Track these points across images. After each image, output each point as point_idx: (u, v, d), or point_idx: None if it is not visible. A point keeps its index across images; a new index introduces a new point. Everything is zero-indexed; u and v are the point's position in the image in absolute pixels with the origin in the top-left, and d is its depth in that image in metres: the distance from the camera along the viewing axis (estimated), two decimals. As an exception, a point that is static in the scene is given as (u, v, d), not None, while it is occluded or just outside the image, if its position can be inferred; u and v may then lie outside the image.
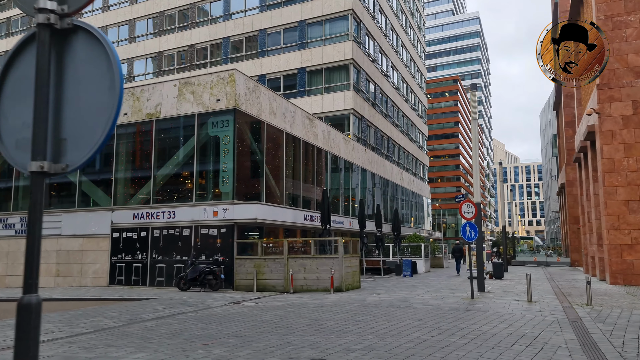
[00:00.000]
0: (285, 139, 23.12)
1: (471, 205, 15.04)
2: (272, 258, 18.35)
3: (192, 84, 20.25)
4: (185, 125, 20.38)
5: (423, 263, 30.90)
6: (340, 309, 12.54)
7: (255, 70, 36.13)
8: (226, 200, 18.94)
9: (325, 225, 20.46)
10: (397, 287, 19.56)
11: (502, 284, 21.23)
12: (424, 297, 15.17)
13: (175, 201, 20.23)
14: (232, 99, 19.21)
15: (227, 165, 19.09)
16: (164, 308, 13.11)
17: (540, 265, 42.32)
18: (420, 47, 57.27)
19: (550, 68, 12.53)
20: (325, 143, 27.58)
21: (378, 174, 37.25)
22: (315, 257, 17.88)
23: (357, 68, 34.71)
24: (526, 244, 62.21)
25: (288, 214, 21.52)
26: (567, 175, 42.32)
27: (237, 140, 19.46)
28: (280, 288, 17.93)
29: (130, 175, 21.53)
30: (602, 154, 21.54)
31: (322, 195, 21.02)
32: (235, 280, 18.54)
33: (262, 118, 21.02)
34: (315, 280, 17.70)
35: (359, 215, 24.94)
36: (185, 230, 19.55)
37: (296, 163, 24.31)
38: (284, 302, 14.53)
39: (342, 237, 18.82)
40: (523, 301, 14.29)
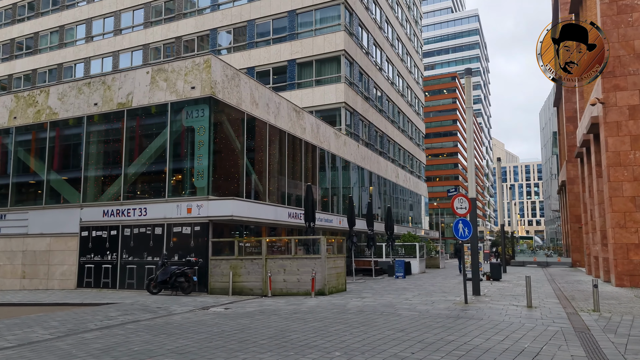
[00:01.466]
0: (269, 131, 21.67)
1: (464, 199, 13.59)
2: (249, 259, 16.89)
3: (166, 70, 18.80)
4: (158, 115, 18.93)
5: (417, 263, 29.46)
6: (314, 316, 11.09)
7: (243, 62, 34.69)
8: (201, 196, 17.48)
9: (309, 223, 19.00)
10: (386, 289, 18.12)
11: (499, 286, 19.79)
12: (412, 302, 13.72)
13: (147, 197, 18.77)
14: (208, 87, 17.75)
15: (202, 159, 17.63)
16: (118, 315, 11.65)
17: (540, 265, 40.90)
18: (416, 41, 55.82)
19: (551, 68, 12.46)
20: (314, 137, 26.13)
21: (372, 170, 35.80)
22: (296, 258, 16.42)
23: (349, 60, 33.26)
24: (526, 243, 60.74)
25: (270, 211, 20.06)
26: (568, 173, 40.88)
27: (213, 132, 18.00)
28: (258, 291, 16.48)
29: (101, 169, 20.06)
30: (607, 147, 20.10)
31: (306, 191, 19.55)
32: (210, 283, 17.08)
33: (243, 108, 19.57)
34: (296, 283, 16.24)
35: (348, 213, 23.49)
36: (158, 228, 18.09)
37: (281, 157, 22.86)
38: (256, 307, 13.08)
39: (326, 236, 17.37)
40: (522, 306, 12.85)
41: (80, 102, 20.36)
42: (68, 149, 20.97)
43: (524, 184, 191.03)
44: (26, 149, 21.75)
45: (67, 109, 20.62)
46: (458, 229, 13.33)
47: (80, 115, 20.30)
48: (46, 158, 21.02)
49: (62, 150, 21.15)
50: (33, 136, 21.51)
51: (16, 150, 21.83)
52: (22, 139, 21.82)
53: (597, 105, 21.59)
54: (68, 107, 20.60)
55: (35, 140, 21.43)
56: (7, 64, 44.43)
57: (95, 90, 20.11)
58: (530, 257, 45.70)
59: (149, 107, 18.97)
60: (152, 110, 19.02)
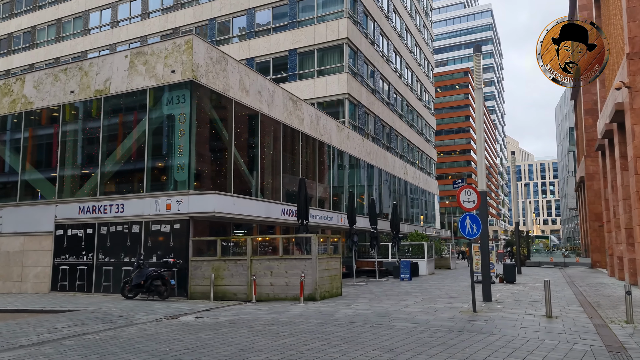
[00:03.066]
0: (262, 121, 19.98)
1: (472, 192, 11.74)
2: (233, 260, 15.20)
3: (145, 53, 17.20)
4: (137, 102, 17.34)
5: (426, 264, 27.56)
6: (292, 329, 9.35)
7: (243, 53, 33.07)
8: (181, 191, 15.84)
9: (302, 220, 17.26)
10: (386, 294, 16.31)
11: (514, 289, 17.89)
12: (412, 310, 11.92)
13: (124, 193, 17.18)
14: (189, 70, 16.10)
15: (183, 149, 15.98)
16: (66, 327, 10.03)
17: (558, 266, 38.71)
18: (426, 33, 53.76)
19: (551, 68, 12.35)
20: (313, 129, 24.39)
21: (378, 166, 33.93)
22: (284, 259, 14.69)
23: (354, 49, 31.45)
24: (542, 243, 58.30)
25: (260, 208, 18.35)
26: (587, 168, 38.61)
27: (196, 120, 16.36)
28: (242, 296, 14.79)
29: (78, 162, 18.53)
30: (634, 136, 18.08)
31: (299, 185, 17.80)
32: (190, 287, 15.43)
33: (230, 95, 17.90)
34: (284, 287, 14.52)
35: (348, 209, 21.70)
36: (135, 226, 16.50)
37: (276, 150, 21.16)
38: (231, 316, 11.38)
39: (319, 235, 15.62)
40: (540, 315, 10.99)
41: (56, 90, 18.85)
42: (43, 140, 19.47)
43: (539, 183, 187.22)
44: (0, 140, 20.31)
45: (42, 98, 19.13)
46: (465, 226, 11.49)
47: (56, 104, 18.79)
48: (20, 150, 19.56)
49: (38, 142, 19.67)
50: (7, 127, 20.06)
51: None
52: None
53: (622, 90, 19.54)
54: (44, 96, 19.11)
55: (10, 132, 19.98)
56: (4, 59, 43.35)
57: (72, 77, 18.58)
58: (547, 257, 43.47)
59: (127, 93, 17.38)
60: (130, 97, 17.42)
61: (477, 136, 14.08)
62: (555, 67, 12.33)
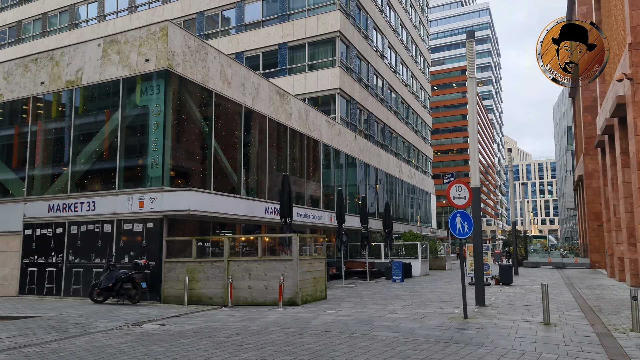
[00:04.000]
0: (245, 115, 18.98)
1: (464, 187, 10.76)
2: (209, 261, 14.19)
3: (119, 42, 16.19)
4: (109, 93, 16.32)
5: (419, 265, 26.59)
6: (259, 340, 8.36)
7: (232, 47, 32.07)
8: (155, 187, 14.83)
9: (286, 219, 16.25)
10: (374, 297, 15.33)
11: (510, 292, 16.92)
12: (397, 316, 10.92)
13: (96, 189, 16.16)
14: (164, 58, 15.09)
15: (157, 143, 14.97)
16: (10, 337, 9.02)
17: (556, 266, 37.78)
18: (422, 29, 52.78)
19: (551, 68, 12.31)
20: (302, 124, 23.39)
21: (371, 164, 32.93)
22: (263, 260, 13.68)
23: (346, 43, 30.46)
24: (539, 243, 57.40)
25: (242, 206, 17.34)
26: (586, 167, 37.73)
27: (172, 112, 15.35)
28: (218, 300, 13.79)
29: (48, 158, 17.49)
30: (636, 130, 17.15)
31: (282, 182, 16.79)
32: (164, 290, 14.42)
33: (210, 86, 16.90)
34: (263, 290, 13.52)
35: (337, 208, 20.70)
36: (107, 225, 15.48)
37: (261, 145, 20.16)
38: (200, 324, 10.38)
39: (303, 234, 14.61)
40: (537, 322, 10.02)
41: (26, 81, 17.82)
42: (12, 134, 18.43)
43: (537, 182, 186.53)
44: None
45: (12, 90, 18.10)
46: (455, 224, 10.51)
47: (26, 96, 17.76)
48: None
49: (6, 136, 18.62)
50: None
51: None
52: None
53: (623, 82, 18.60)
54: (13, 88, 18.08)
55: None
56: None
57: (42, 67, 17.56)
58: (544, 257, 42.55)
59: (99, 84, 16.36)
60: (103, 88, 16.41)
61: (470, 128, 13.11)
62: (556, 67, 12.30)
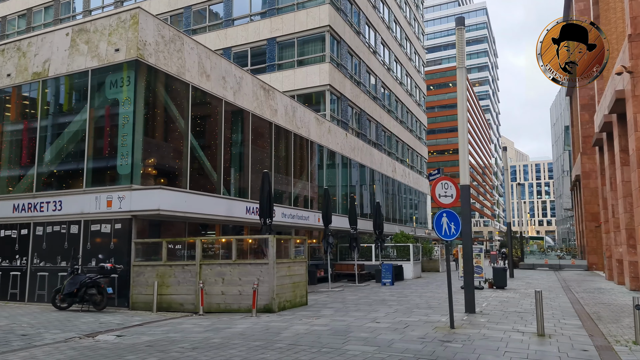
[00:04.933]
0: (226, 110, 18.03)
1: (450, 184, 9.83)
2: (180, 264, 13.23)
3: (88, 30, 15.21)
4: (78, 86, 15.35)
5: (411, 267, 25.68)
6: (214, 355, 7.39)
7: (219, 43, 31.13)
8: (124, 186, 13.86)
9: (265, 219, 15.30)
10: (359, 302, 14.38)
11: (503, 296, 16.00)
12: (378, 326, 9.98)
13: (64, 188, 15.17)
14: (134, 48, 14.13)
15: (126, 138, 14.01)
16: (-59, 349, 8.05)
17: (552, 268, 36.91)
18: (417, 26, 51.89)
19: (551, 68, 12.24)
20: (289, 121, 22.44)
21: (363, 163, 31.99)
22: (237, 264, 12.72)
23: (336, 38, 29.54)
24: (536, 244, 56.47)
25: (220, 206, 16.37)
26: (583, 166, 36.92)
27: (143, 105, 14.39)
28: (189, 306, 12.82)
29: (14, 155, 16.50)
30: (636, 126, 16.31)
31: (262, 180, 15.83)
32: (132, 296, 13.45)
33: (187, 79, 15.94)
34: (237, 296, 12.56)
35: (323, 208, 19.75)
36: (74, 226, 14.49)
37: (244, 142, 19.22)
38: (159, 335, 9.43)
39: (278, 235, 13.66)
40: (531, 333, 9.09)
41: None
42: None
43: (534, 183, 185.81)
44: None
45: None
46: (441, 225, 9.56)
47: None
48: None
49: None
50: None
51: None
52: None
53: (622, 76, 17.73)
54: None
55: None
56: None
57: (9, 58, 16.58)
58: (541, 259, 41.65)
59: (67, 76, 15.39)
60: (71, 80, 15.44)
61: (459, 121, 12.18)
62: (556, 67, 12.27)
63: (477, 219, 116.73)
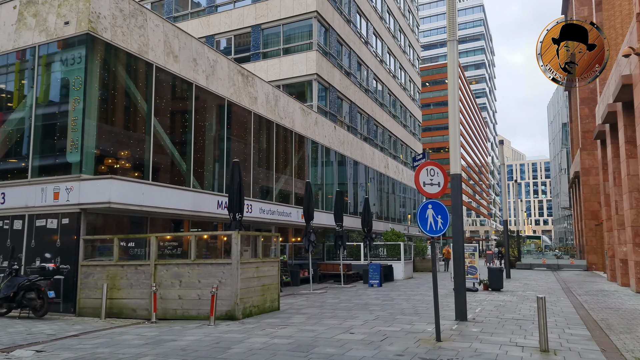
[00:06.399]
0: (197, 95, 16.46)
1: (437, 171, 8.28)
2: (133, 265, 11.65)
3: (36, 2, 13.59)
4: (26, 64, 13.74)
5: (402, 267, 24.15)
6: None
7: (202, 30, 29.54)
8: (72, 175, 12.29)
9: (235, 214, 13.73)
10: (338, 307, 12.83)
11: (499, 300, 14.49)
12: (351, 337, 8.44)
13: (9, 178, 13.57)
14: (85, 20, 12.54)
15: (76, 122, 12.42)
16: None
17: (551, 268, 35.48)
18: (412, 18, 50.34)
19: (551, 68, 12.19)
20: (270, 110, 20.88)
21: (353, 158, 30.45)
22: (197, 264, 11.15)
23: (324, 25, 27.98)
24: (533, 243, 55.11)
25: (186, 199, 14.77)
26: (583, 162, 35.46)
27: (97, 85, 12.81)
28: (143, 312, 11.25)
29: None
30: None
31: (232, 170, 14.24)
32: (79, 300, 11.86)
33: (150, 58, 14.36)
34: (196, 301, 10.98)
35: (305, 203, 18.19)
36: (17, 221, 12.90)
37: (218, 131, 17.65)
38: (88, 349, 7.86)
39: (243, 232, 12.08)
40: (532, 348, 7.57)
41: (-64, 53, 15.20)
42: None
43: (530, 183, 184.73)
44: None
45: None
46: (425, 218, 8.02)
47: None
48: None
49: None
50: None
51: None
52: None
53: (629, 59, 16.24)
54: None
55: None
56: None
57: (-47, 36, 14.95)
58: (538, 258, 40.27)
59: (14, 52, 13.79)
60: (17, 57, 13.83)
61: (450, 100, 10.64)
62: (556, 67, 12.24)
63: (474, 218, 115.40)
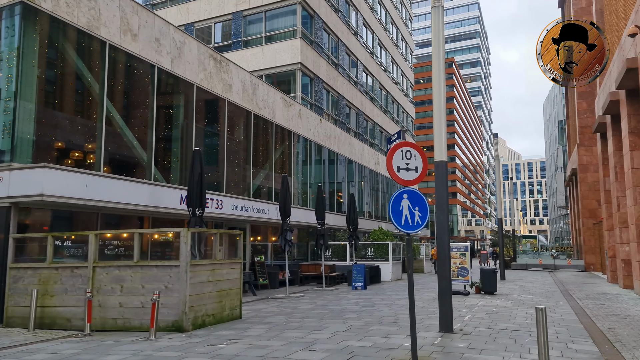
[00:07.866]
0: (160, 79, 14.90)
1: (415, 153, 6.73)
2: (69, 267, 10.07)
3: (-32, -30, 12.01)
4: (-44, 40, 12.15)
5: (390, 268, 22.64)
6: None
7: (181, 18, 27.98)
8: (2, 164, 10.70)
9: (195, 209, 12.18)
10: (309, 315, 11.30)
11: (492, 305, 12.99)
12: (309, 357, 6.91)
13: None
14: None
15: (8, 103, 10.85)
16: None
17: (547, 269, 34.08)
18: (405, 11, 48.84)
19: (551, 68, 12.02)
20: (247, 99, 19.33)
21: (341, 153, 28.92)
22: (140, 266, 9.58)
23: (309, 12, 26.45)
24: (529, 243, 53.72)
25: (142, 193, 13.18)
26: (580, 159, 34.06)
27: (35, 62, 11.24)
28: (79, 323, 9.66)
29: None
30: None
31: (192, 160, 12.67)
32: (7, 308, 10.27)
33: (102, 35, 12.79)
34: (139, 310, 9.41)
35: (281, 199, 16.62)
36: (-57, 217, 11.31)
37: (186, 120, 16.09)
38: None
39: (193, 228, 10.53)
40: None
41: None
42: None
43: (526, 182, 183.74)
44: None
45: None
46: (400, 211, 6.48)
47: None
48: None
49: None
50: None
51: None
52: None
53: (635, 42, 14.79)
54: None
55: None
56: None
57: None
58: (534, 258, 38.82)
59: (-57, 27, 12.19)
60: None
61: (435, 78, 9.13)
62: (556, 67, 12.17)
63: (470, 218, 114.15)
